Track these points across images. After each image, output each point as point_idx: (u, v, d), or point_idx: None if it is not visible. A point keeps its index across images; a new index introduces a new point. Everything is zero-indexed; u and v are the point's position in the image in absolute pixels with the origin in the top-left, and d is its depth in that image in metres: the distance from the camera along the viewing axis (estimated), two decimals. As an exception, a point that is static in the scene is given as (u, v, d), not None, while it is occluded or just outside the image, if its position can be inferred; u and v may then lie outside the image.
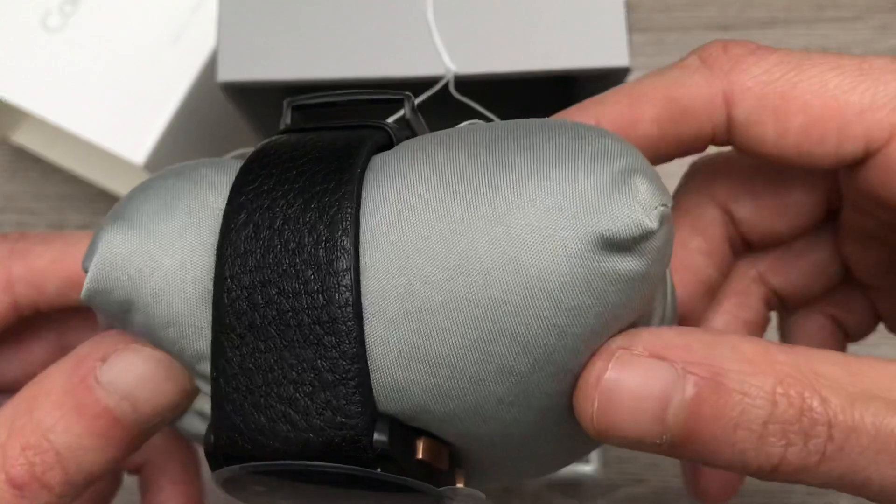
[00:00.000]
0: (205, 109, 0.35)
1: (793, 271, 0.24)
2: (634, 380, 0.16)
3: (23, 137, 0.43)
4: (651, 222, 0.15)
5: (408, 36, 0.27)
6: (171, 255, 0.17)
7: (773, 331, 0.26)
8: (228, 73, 0.27)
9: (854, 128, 0.19)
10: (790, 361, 0.16)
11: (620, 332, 0.16)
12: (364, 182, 0.16)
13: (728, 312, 0.25)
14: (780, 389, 0.15)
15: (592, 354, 0.16)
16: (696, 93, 0.20)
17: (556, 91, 0.39)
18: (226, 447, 0.16)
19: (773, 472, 0.16)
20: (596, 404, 0.16)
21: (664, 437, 0.16)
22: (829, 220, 0.24)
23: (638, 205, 0.15)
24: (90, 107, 0.34)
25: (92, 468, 0.18)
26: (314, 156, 0.17)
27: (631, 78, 0.25)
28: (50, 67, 0.35)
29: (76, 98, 0.34)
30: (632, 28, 0.28)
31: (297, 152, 0.17)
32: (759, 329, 0.25)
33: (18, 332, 0.24)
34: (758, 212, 0.23)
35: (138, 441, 0.19)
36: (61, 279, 0.22)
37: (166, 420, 0.19)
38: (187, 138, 0.35)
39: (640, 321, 0.17)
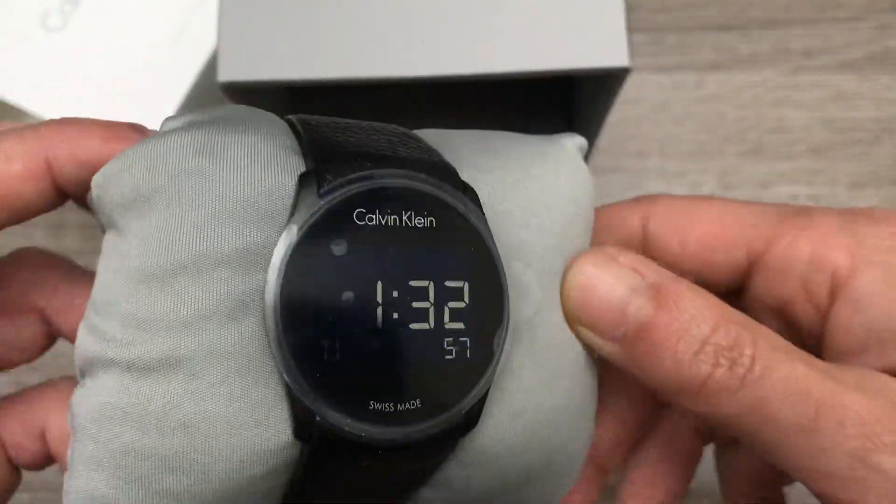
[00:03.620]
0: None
1: None
2: (611, 278, 0.20)
3: (23, 137, 0.43)
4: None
5: (408, 36, 0.27)
6: None
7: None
8: (229, 73, 0.27)
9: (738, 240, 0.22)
10: (738, 314, 0.19)
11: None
12: None
13: (658, 443, 0.27)
14: (723, 323, 0.19)
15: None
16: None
17: (556, 91, 0.39)
18: None
19: (699, 390, 0.19)
20: (577, 288, 0.20)
21: (621, 330, 0.20)
22: None
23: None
24: (90, 107, 0.34)
25: None
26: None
27: (631, 77, 0.25)
28: (50, 67, 0.35)
29: (76, 98, 0.34)
30: (632, 28, 0.28)
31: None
32: (690, 462, 0.28)
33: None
34: None
35: None
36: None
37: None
38: (187, 138, 0.35)
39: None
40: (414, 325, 0.17)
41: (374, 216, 0.17)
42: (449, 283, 0.18)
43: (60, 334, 0.24)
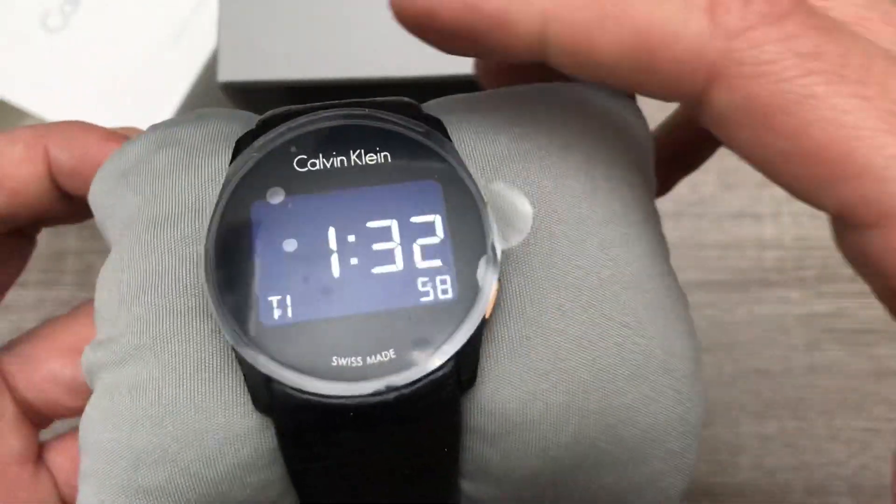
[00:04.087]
0: (205, 109, 0.35)
1: None
2: None
3: (23, 137, 0.43)
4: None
5: (407, 36, 0.27)
6: None
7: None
8: (229, 73, 0.27)
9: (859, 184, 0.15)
10: None
11: None
12: None
13: None
14: None
15: None
16: (680, 47, 0.15)
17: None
18: None
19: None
20: None
21: None
22: None
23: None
24: (90, 107, 0.34)
25: None
26: None
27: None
28: (50, 67, 0.35)
29: (76, 98, 0.34)
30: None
31: None
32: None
33: None
34: None
35: None
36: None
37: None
38: (187, 138, 0.35)
39: None
40: (378, 269, 0.16)
41: (316, 160, 0.16)
42: (416, 219, 0.16)
43: (18, 396, 0.22)
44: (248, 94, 0.29)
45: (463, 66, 0.27)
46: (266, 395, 0.15)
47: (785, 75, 0.14)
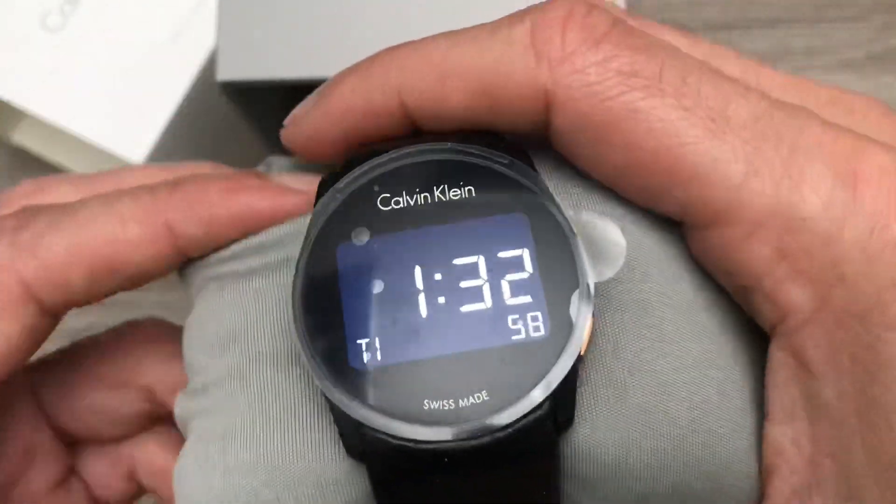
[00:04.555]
0: (204, 109, 0.35)
1: None
2: None
3: (22, 137, 0.43)
4: None
5: (406, 35, 0.27)
6: None
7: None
8: (228, 72, 0.27)
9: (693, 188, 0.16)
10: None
11: None
12: None
13: None
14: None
15: None
16: (514, 83, 0.16)
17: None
18: None
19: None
20: None
21: None
22: None
23: None
24: (89, 106, 0.34)
25: None
26: None
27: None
28: (49, 67, 0.35)
29: (75, 97, 0.34)
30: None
31: None
32: None
33: None
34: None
35: None
36: (87, 269, 0.18)
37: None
38: (187, 138, 0.35)
39: None
40: (466, 308, 0.15)
41: (399, 198, 0.16)
42: (504, 254, 0.16)
43: (168, 413, 0.22)
44: (247, 93, 0.29)
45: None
46: (358, 441, 0.15)
47: (609, 94, 0.15)
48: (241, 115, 0.30)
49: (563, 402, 0.15)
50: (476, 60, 0.16)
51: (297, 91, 0.38)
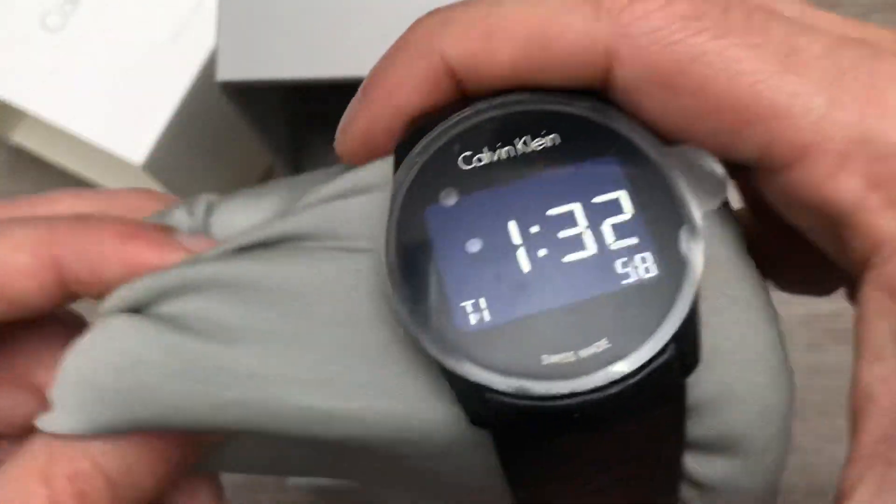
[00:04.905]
0: (204, 109, 0.35)
1: None
2: None
3: (22, 137, 0.43)
4: None
5: (407, 35, 0.27)
6: None
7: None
8: (228, 72, 0.27)
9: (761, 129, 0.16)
10: None
11: None
12: None
13: None
14: None
15: None
16: (570, 37, 0.15)
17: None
18: None
19: None
20: None
21: None
22: None
23: None
24: (89, 106, 0.34)
25: (144, 493, 0.16)
26: None
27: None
28: (49, 67, 0.35)
29: (75, 98, 0.34)
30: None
31: None
32: None
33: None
34: None
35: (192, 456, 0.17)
36: (123, 269, 0.17)
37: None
38: (187, 138, 0.35)
39: None
40: (569, 257, 0.15)
41: (482, 155, 0.15)
42: (599, 198, 0.15)
43: None
44: (247, 94, 0.29)
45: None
46: (481, 406, 0.14)
47: (674, 38, 0.15)
48: (241, 115, 0.30)
49: (687, 342, 0.14)
50: (526, 14, 0.15)
51: (295, 91, 0.38)
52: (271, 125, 0.34)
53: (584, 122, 0.16)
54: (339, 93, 0.33)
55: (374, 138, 0.17)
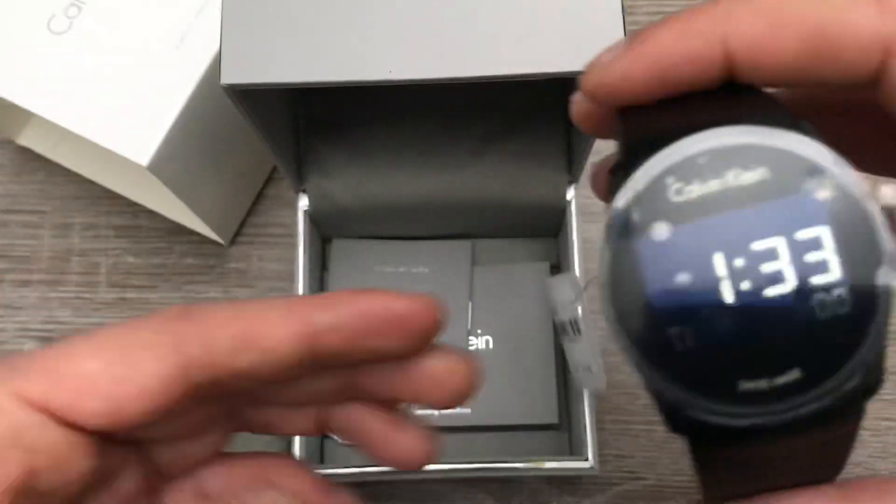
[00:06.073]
0: (209, 112, 0.36)
1: None
2: None
3: (28, 139, 0.44)
4: None
5: (409, 38, 0.28)
6: None
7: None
8: (232, 75, 0.27)
9: None
10: None
11: None
12: None
13: None
14: None
15: None
16: (854, 34, 0.16)
17: (554, 94, 0.39)
18: None
19: None
20: None
21: None
22: None
23: None
24: (95, 109, 0.34)
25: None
26: None
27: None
28: (55, 70, 0.35)
29: (81, 100, 0.35)
30: (629, 31, 0.28)
31: None
32: None
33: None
34: None
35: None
36: (233, 336, 0.19)
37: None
38: (191, 140, 0.36)
39: None
40: (769, 291, 0.16)
41: (692, 187, 0.16)
42: (801, 234, 0.16)
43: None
44: (251, 97, 0.29)
45: (462, 68, 0.27)
46: (681, 419, 0.16)
47: None
48: (245, 117, 0.31)
49: (873, 371, 0.16)
50: (816, 8, 0.16)
51: (299, 94, 0.39)
52: (275, 128, 0.34)
53: (791, 157, 0.16)
54: (342, 96, 0.34)
55: (628, 85, 0.17)
